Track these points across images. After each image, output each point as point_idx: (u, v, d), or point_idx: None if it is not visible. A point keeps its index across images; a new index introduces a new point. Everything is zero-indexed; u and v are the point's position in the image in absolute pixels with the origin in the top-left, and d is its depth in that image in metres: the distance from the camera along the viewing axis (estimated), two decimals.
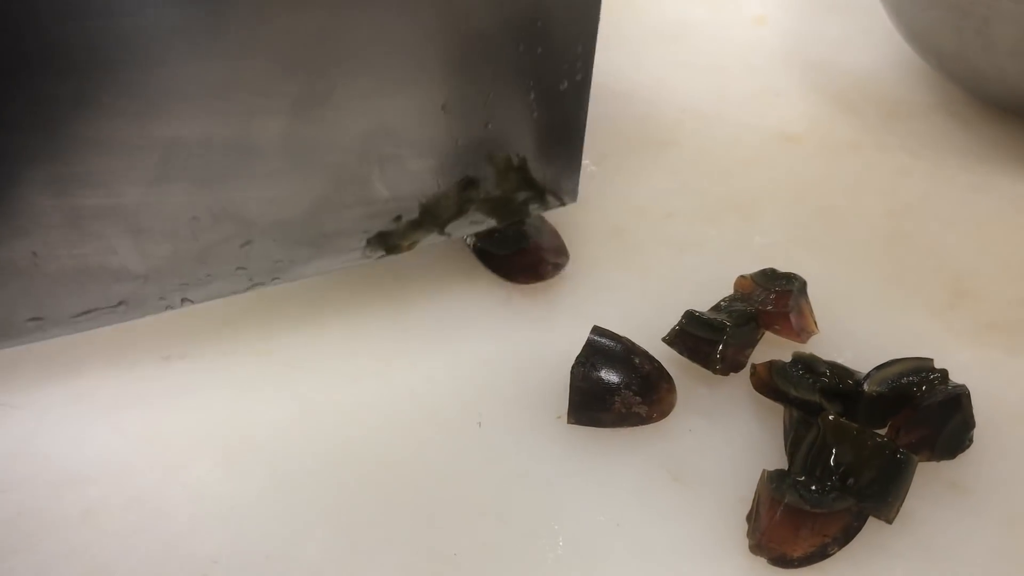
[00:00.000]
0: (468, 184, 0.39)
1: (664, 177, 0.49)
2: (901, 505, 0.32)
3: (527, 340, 0.40)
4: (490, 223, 0.40)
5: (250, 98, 0.33)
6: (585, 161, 0.43)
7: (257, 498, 0.34)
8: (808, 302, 0.39)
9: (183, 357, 0.39)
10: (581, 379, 0.35)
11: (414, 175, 0.37)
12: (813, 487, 0.31)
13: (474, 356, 0.39)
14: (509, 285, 0.42)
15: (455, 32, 0.35)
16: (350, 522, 0.33)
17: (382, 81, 0.35)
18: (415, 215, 0.38)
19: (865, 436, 0.32)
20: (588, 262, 0.43)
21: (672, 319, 0.38)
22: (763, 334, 0.38)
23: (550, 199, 0.41)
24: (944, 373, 0.35)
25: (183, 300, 0.37)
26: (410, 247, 0.39)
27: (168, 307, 0.36)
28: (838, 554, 0.32)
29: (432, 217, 0.39)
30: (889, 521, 0.32)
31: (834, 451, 0.31)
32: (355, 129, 0.35)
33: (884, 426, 0.35)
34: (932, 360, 0.35)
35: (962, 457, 0.34)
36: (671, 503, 0.34)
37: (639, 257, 0.42)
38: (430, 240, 0.39)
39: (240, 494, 0.34)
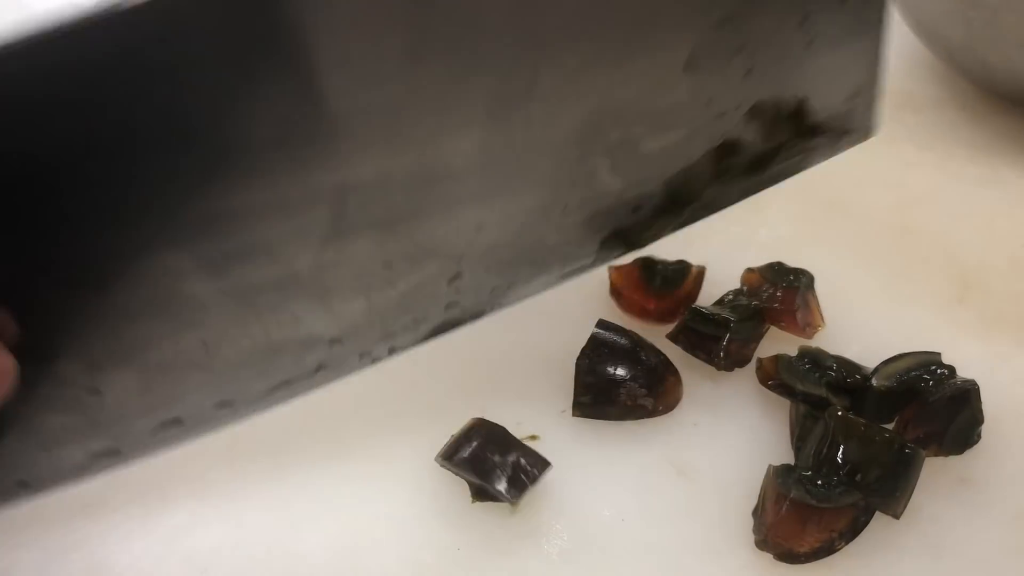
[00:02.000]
0: (727, 150, 0.32)
1: None
2: (909, 500, 0.31)
3: (531, 332, 0.39)
4: (759, 189, 0.34)
5: (429, 116, 0.27)
6: None
7: (260, 492, 0.34)
8: (815, 297, 0.38)
9: None
10: (586, 372, 0.35)
11: (653, 156, 0.31)
12: (819, 482, 0.31)
13: (479, 348, 0.39)
14: None
15: None
16: (353, 515, 0.33)
17: (596, 52, 0.28)
18: (659, 200, 0.32)
19: (873, 431, 0.31)
20: None
21: None
22: (768, 328, 0.38)
23: (840, 140, 0.34)
24: (952, 368, 0.35)
25: (390, 350, 0.32)
26: (654, 238, 0.33)
27: (373, 360, 0.32)
28: (845, 549, 0.31)
29: (681, 199, 0.32)
30: (897, 516, 0.31)
31: (842, 447, 0.31)
32: (570, 120, 0.29)
33: (891, 421, 0.35)
34: (940, 354, 0.35)
35: (970, 452, 0.34)
36: (676, 498, 0.33)
37: (645, 249, 0.41)
38: (676, 227, 0.34)
39: (243, 488, 0.34)
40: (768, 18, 0.30)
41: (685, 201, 0.33)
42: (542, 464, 0.33)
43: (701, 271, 0.39)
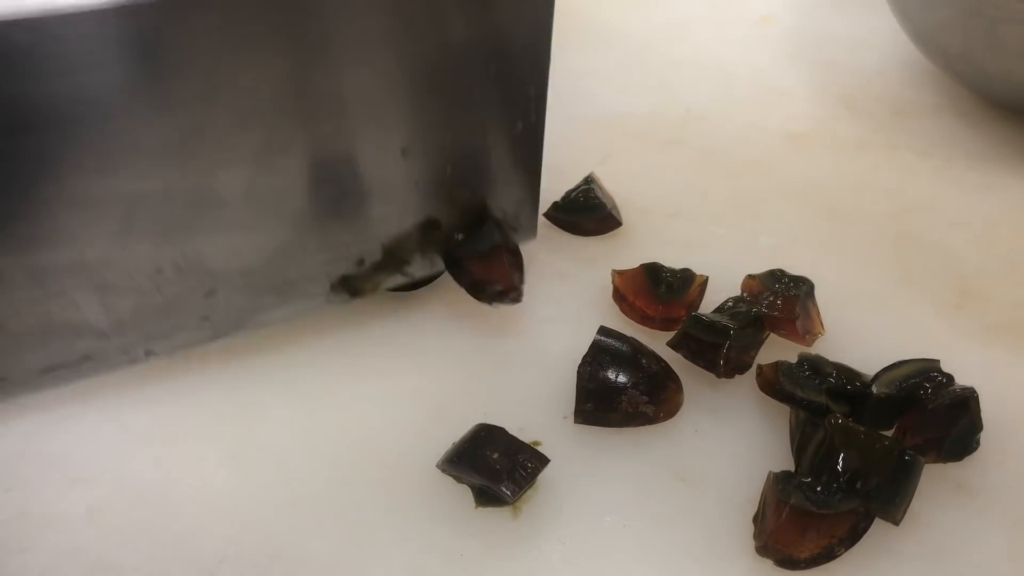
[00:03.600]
0: (430, 225, 0.39)
1: (670, 176, 0.49)
2: (908, 506, 0.32)
3: (534, 339, 0.40)
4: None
5: (211, 151, 0.33)
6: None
7: (263, 496, 0.34)
8: (815, 304, 0.39)
9: (185, 354, 0.39)
10: (588, 379, 0.35)
11: (376, 221, 0.38)
12: (819, 488, 0.31)
13: (480, 355, 0.39)
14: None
15: (413, 81, 0.35)
16: (356, 521, 0.33)
17: (342, 130, 0.35)
18: (378, 257, 0.39)
19: (873, 439, 0.32)
20: (592, 261, 0.43)
21: None
22: (768, 335, 0.38)
23: (512, 236, 0.41)
24: (950, 376, 0.35)
25: (147, 352, 0.36)
26: (373, 290, 0.39)
27: (132, 361, 0.36)
28: (845, 555, 0.31)
29: (395, 259, 0.39)
30: (896, 523, 0.32)
31: (841, 454, 0.31)
32: (313, 177, 0.36)
33: (891, 427, 0.35)
34: (939, 361, 0.35)
35: (969, 459, 0.34)
36: (677, 504, 0.33)
37: (646, 256, 0.41)
38: (393, 282, 0.40)
39: (246, 492, 0.34)
40: (461, 131, 0.38)
41: (400, 261, 0.39)
42: (541, 460, 0.33)
43: (705, 280, 0.40)
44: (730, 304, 0.39)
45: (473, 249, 0.40)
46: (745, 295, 0.39)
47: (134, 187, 0.32)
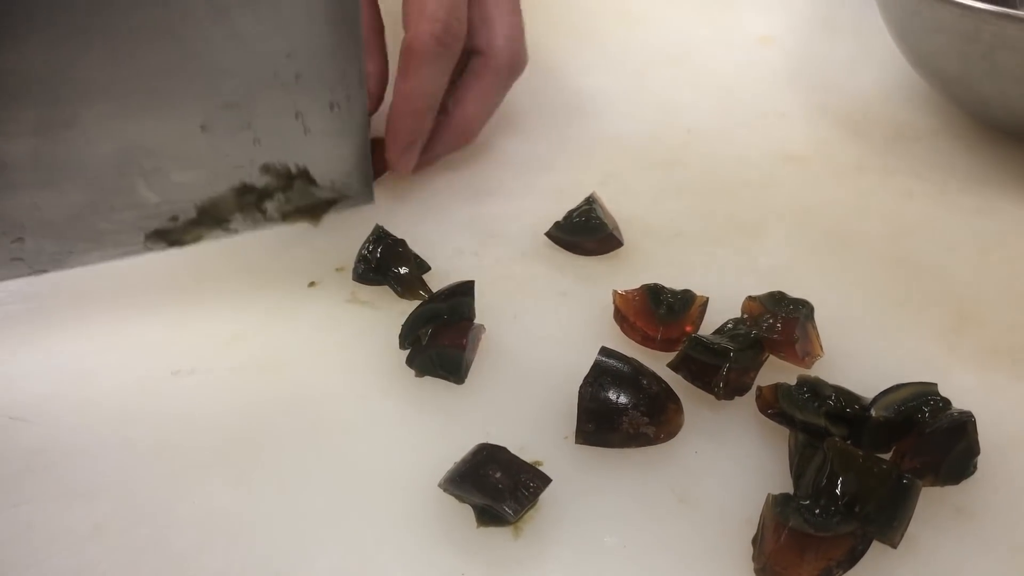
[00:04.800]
0: (245, 190, 0.43)
1: (671, 197, 0.49)
2: (906, 530, 0.32)
3: (534, 358, 0.40)
4: (279, 222, 0.45)
5: None
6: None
7: (267, 515, 0.34)
8: (815, 326, 0.39)
9: (192, 372, 0.39)
10: (589, 399, 0.36)
11: (183, 185, 0.41)
12: (817, 511, 0.32)
13: (481, 373, 0.39)
14: (516, 303, 0.42)
15: (202, 64, 0.39)
16: (359, 540, 0.33)
17: (126, 107, 0.39)
18: (192, 215, 0.42)
19: (871, 463, 0.32)
20: (594, 281, 0.44)
21: None
22: (768, 357, 0.38)
23: (344, 201, 0.45)
24: (947, 400, 0.35)
25: None
26: (195, 240, 0.43)
27: None
28: None
29: (212, 217, 0.43)
30: (894, 545, 0.32)
31: (840, 477, 0.32)
32: (107, 148, 0.39)
33: (888, 450, 0.35)
34: (936, 385, 0.36)
35: (966, 483, 0.34)
36: (677, 525, 0.34)
37: (647, 276, 0.42)
38: (216, 235, 0.43)
39: (250, 511, 0.34)
40: (267, 110, 0.41)
41: (218, 219, 0.43)
42: (543, 480, 0.34)
43: (705, 301, 0.40)
44: (730, 326, 0.39)
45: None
46: (745, 317, 0.40)
47: None
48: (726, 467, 0.36)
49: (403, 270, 0.43)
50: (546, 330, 0.41)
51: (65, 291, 0.43)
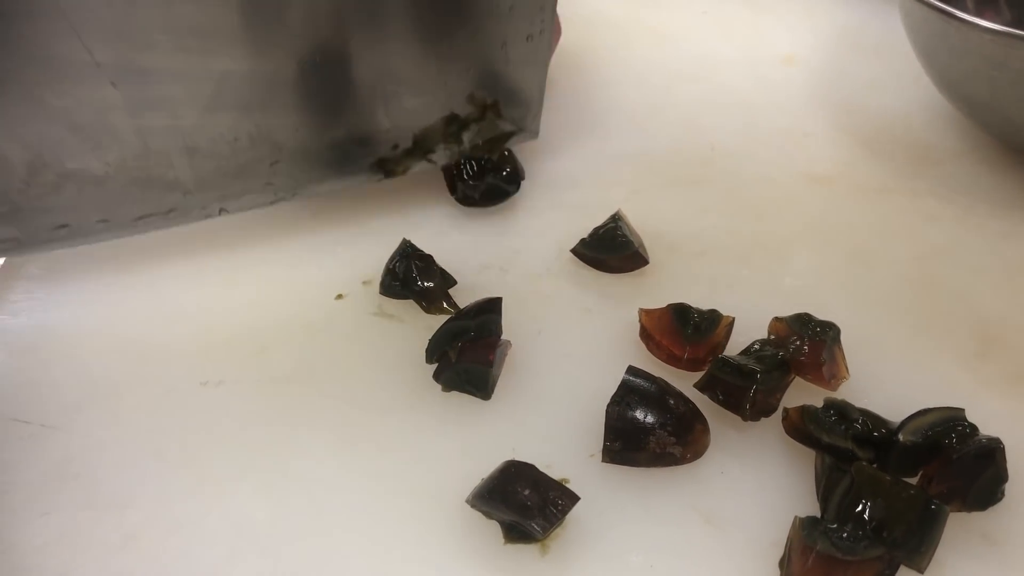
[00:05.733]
0: (452, 119, 0.46)
1: (696, 214, 0.49)
2: (933, 555, 0.32)
3: (560, 375, 0.40)
4: (467, 151, 0.48)
5: (276, 48, 0.40)
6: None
7: (296, 527, 0.34)
8: (841, 349, 0.39)
9: (220, 383, 0.40)
10: (616, 418, 0.36)
11: (410, 111, 0.45)
12: (845, 534, 0.32)
13: (507, 390, 0.39)
14: (542, 319, 0.43)
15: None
16: (386, 553, 0.33)
17: (384, 35, 0.42)
18: (409, 144, 0.46)
19: (899, 488, 0.32)
20: (619, 298, 0.44)
21: None
22: (793, 378, 0.39)
23: (518, 135, 0.49)
24: (974, 426, 0.35)
25: (220, 210, 0.44)
26: (403, 172, 0.47)
27: (207, 215, 0.44)
28: None
29: (421, 147, 0.47)
30: (921, 571, 0.32)
31: (868, 502, 0.32)
32: (363, 73, 0.43)
33: (915, 475, 0.35)
34: (964, 410, 0.36)
35: (993, 509, 0.34)
36: (704, 546, 0.34)
37: (672, 294, 0.42)
38: (420, 167, 0.47)
39: (277, 522, 0.34)
40: (482, 40, 0.45)
41: (426, 150, 0.47)
42: (571, 498, 0.34)
43: (731, 321, 0.40)
44: (756, 347, 0.39)
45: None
46: (772, 337, 0.40)
47: (224, 67, 0.40)
48: (752, 488, 0.36)
49: (429, 284, 0.43)
50: (571, 347, 0.42)
51: (94, 302, 0.43)
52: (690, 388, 0.38)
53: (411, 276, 0.43)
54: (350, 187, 0.46)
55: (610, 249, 0.45)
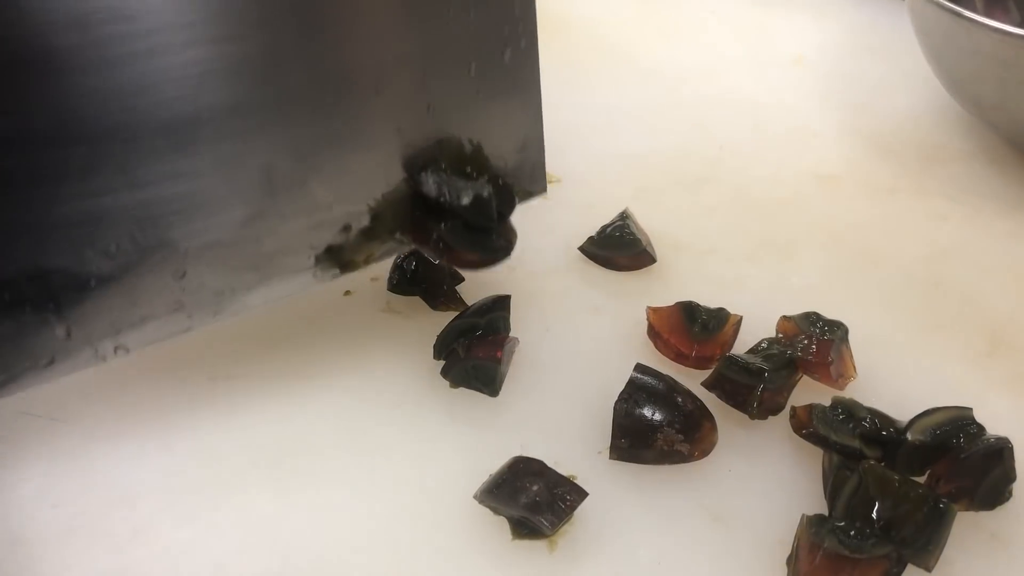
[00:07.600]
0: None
1: (704, 213, 0.49)
2: (941, 553, 0.32)
3: (567, 372, 0.40)
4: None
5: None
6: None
7: (305, 521, 0.34)
8: (848, 348, 0.39)
9: (229, 377, 0.40)
10: (624, 415, 0.36)
11: (357, 171, 0.34)
12: (853, 532, 0.32)
13: (515, 386, 0.39)
14: (549, 317, 0.43)
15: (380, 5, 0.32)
16: (395, 548, 0.34)
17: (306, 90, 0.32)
18: (365, 222, 0.35)
19: (907, 487, 0.32)
20: (626, 296, 0.44)
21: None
22: (801, 377, 0.39)
23: (515, 192, 0.37)
24: (982, 426, 0.35)
25: (116, 348, 0.34)
26: (366, 262, 0.36)
27: (101, 358, 0.33)
28: None
29: (384, 223, 0.35)
30: (929, 569, 0.32)
31: (876, 501, 0.32)
32: (284, 124, 0.32)
33: (923, 474, 0.35)
34: (972, 410, 0.36)
35: (1001, 508, 0.34)
36: (711, 543, 0.34)
37: (679, 293, 0.42)
38: (387, 251, 0.36)
39: (285, 517, 0.34)
40: (439, 72, 0.34)
41: (391, 226, 0.35)
42: (580, 494, 0.34)
43: (739, 319, 0.40)
44: (764, 345, 0.39)
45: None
46: (780, 336, 0.40)
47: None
48: (759, 486, 0.36)
49: (437, 281, 0.43)
50: (579, 344, 0.42)
51: None
52: (698, 386, 0.38)
53: (419, 273, 0.43)
54: (296, 293, 0.36)
55: (618, 247, 0.45)
